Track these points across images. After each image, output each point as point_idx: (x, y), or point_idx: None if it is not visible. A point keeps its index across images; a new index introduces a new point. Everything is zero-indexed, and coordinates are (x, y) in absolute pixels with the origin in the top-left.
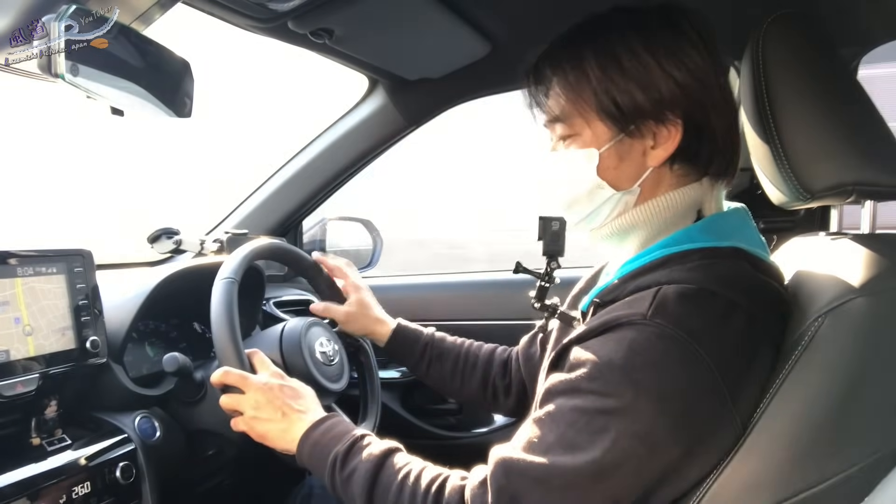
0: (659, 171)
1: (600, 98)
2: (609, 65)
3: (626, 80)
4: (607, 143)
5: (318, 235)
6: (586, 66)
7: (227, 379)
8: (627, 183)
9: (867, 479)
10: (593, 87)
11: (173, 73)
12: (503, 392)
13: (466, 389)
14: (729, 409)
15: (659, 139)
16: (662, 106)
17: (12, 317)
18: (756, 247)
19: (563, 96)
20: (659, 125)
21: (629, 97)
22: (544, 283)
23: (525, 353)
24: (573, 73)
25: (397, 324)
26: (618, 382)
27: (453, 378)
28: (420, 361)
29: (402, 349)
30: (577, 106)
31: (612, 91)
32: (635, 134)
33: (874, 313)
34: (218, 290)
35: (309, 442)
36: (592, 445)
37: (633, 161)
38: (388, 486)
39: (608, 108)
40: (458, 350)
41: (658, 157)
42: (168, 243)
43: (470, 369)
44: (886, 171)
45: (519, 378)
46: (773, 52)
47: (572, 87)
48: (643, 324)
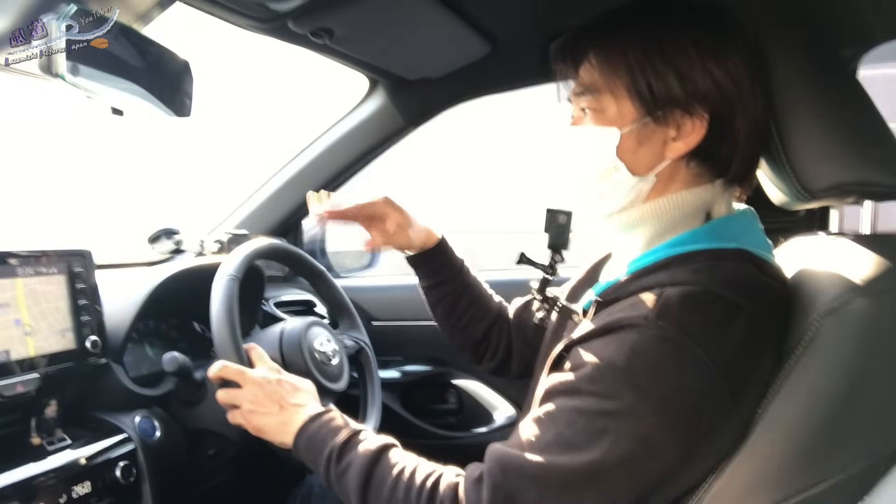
0: (675, 164)
1: (635, 77)
2: (651, 46)
3: (664, 65)
4: (631, 124)
5: (318, 235)
6: (627, 43)
7: (225, 373)
8: (643, 169)
9: (867, 478)
10: (630, 65)
11: (173, 73)
12: (493, 349)
13: (465, 333)
14: (730, 413)
15: (682, 131)
16: (694, 98)
17: (12, 317)
18: (761, 248)
19: (596, 69)
20: (685, 117)
21: (664, 83)
22: (547, 274)
23: (517, 319)
24: (613, 48)
25: (442, 237)
26: (619, 385)
27: (461, 317)
28: (441, 286)
29: (432, 264)
30: (609, 81)
31: (649, 72)
32: (661, 121)
33: (874, 314)
34: (219, 286)
35: (305, 435)
36: (591, 446)
37: (653, 149)
38: (383, 481)
39: (641, 88)
40: (477, 292)
41: (677, 150)
42: (168, 243)
43: (480, 316)
44: (886, 171)
45: (507, 342)
46: (773, 52)
47: (609, 60)
48: (646, 326)
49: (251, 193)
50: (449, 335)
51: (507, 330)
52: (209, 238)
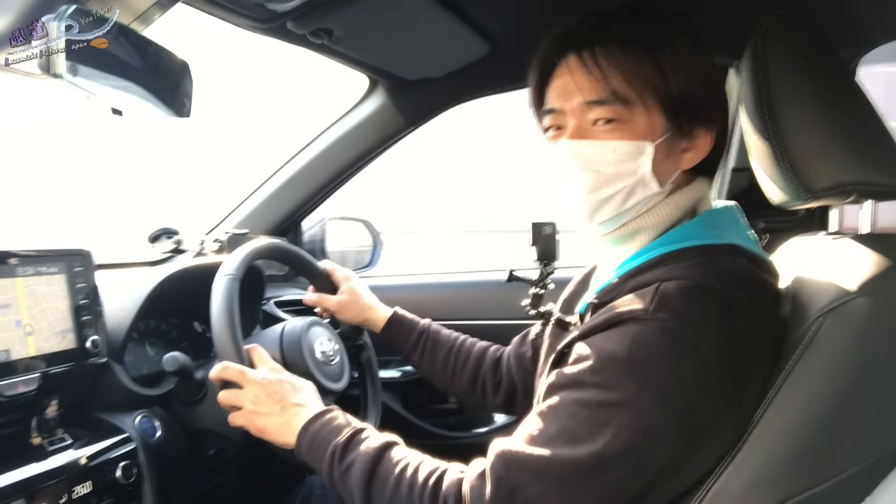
0: (683, 173)
1: (670, 87)
2: (681, 55)
3: (692, 75)
4: (661, 136)
5: (318, 235)
6: (659, 49)
7: (226, 374)
8: (663, 182)
9: (868, 478)
10: (665, 73)
11: (172, 73)
12: (492, 389)
13: (457, 382)
14: (731, 403)
15: (695, 142)
16: (712, 110)
17: (13, 317)
18: (750, 243)
19: (621, 75)
20: (700, 129)
21: (692, 93)
22: (538, 289)
23: (516, 353)
24: (644, 53)
25: (394, 311)
26: (620, 376)
27: (444, 370)
28: (413, 350)
29: (398, 336)
30: (639, 89)
31: (682, 82)
32: (685, 132)
33: (874, 313)
34: (219, 286)
35: (308, 435)
36: (594, 438)
37: (672, 160)
38: (386, 479)
39: (675, 99)
40: (451, 343)
41: (690, 161)
42: (168, 243)
43: (462, 363)
44: (886, 171)
45: (510, 377)
46: (773, 52)
47: (641, 67)
48: (646, 318)
49: (251, 193)
50: (446, 388)
51: (503, 367)
52: (209, 238)
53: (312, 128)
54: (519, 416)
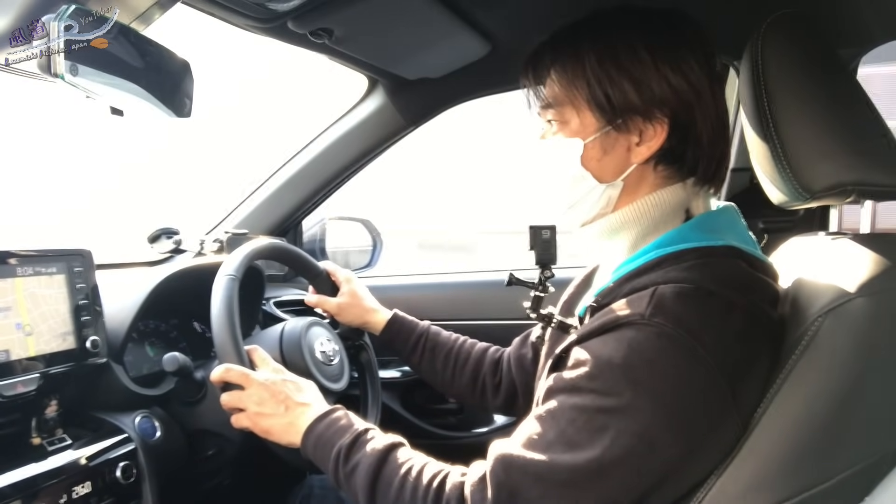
0: (642, 169)
1: (593, 89)
2: (606, 58)
3: (620, 75)
4: (593, 133)
5: (317, 235)
6: (584, 56)
7: (228, 376)
8: (610, 176)
9: (867, 478)
10: (587, 78)
11: (173, 73)
12: (492, 390)
13: (457, 384)
14: (730, 407)
15: (644, 136)
16: (652, 104)
17: (12, 317)
18: (749, 245)
19: (557, 83)
20: (646, 122)
21: (621, 91)
22: (538, 292)
23: (516, 355)
24: (570, 62)
25: (394, 314)
26: (617, 382)
27: (444, 372)
28: (413, 352)
29: (398, 339)
30: (570, 94)
31: (605, 83)
32: (622, 128)
33: (874, 313)
34: (218, 286)
35: (313, 435)
36: (592, 444)
37: (617, 155)
38: (391, 481)
39: (599, 99)
40: (451, 345)
41: (641, 155)
42: (168, 243)
43: (461, 365)
44: (886, 171)
45: (510, 378)
46: (772, 52)
47: (567, 75)
48: (643, 323)
49: (251, 193)
50: (445, 390)
51: (503, 369)
52: (209, 238)
53: (312, 128)
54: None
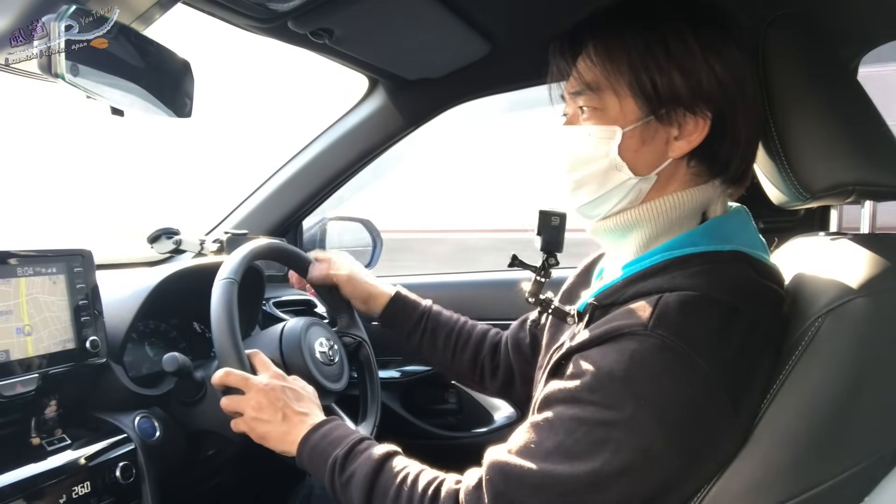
0: (676, 164)
1: (639, 74)
2: (654, 43)
3: (668, 62)
4: (634, 122)
5: (317, 235)
6: (629, 39)
7: (228, 380)
8: (645, 169)
9: (867, 479)
10: (632, 62)
11: (173, 73)
12: (490, 373)
13: (455, 364)
14: (730, 419)
15: (685, 130)
16: (698, 96)
17: (12, 317)
18: (757, 249)
19: (597, 66)
20: (688, 115)
21: (668, 80)
22: (540, 277)
23: (514, 339)
24: (614, 44)
25: (397, 291)
26: (618, 394)
27: (445, 352)
28: (414, 331)
29: (400, 316)
30: (611, 78)
31: (653, 69)
32: (664, 119)
33: (874, 313)
34: (218, 290)
35: (308, 445)
36: (591, 456)
37: (655, 148)
38: (387, 490)
39: (644, 86)
40: (452, 325)
41: (680, 149)
42: (168, 243)
43: (462, 346)
44: (886, 171)
45: (507, 362)
46: (773, 52)
47: (610, 57)
48: (645, 335)
49: (251, 193)
50: (444, 369)
51: (503, 352)
52: (209, 238)
53: (313, 128)
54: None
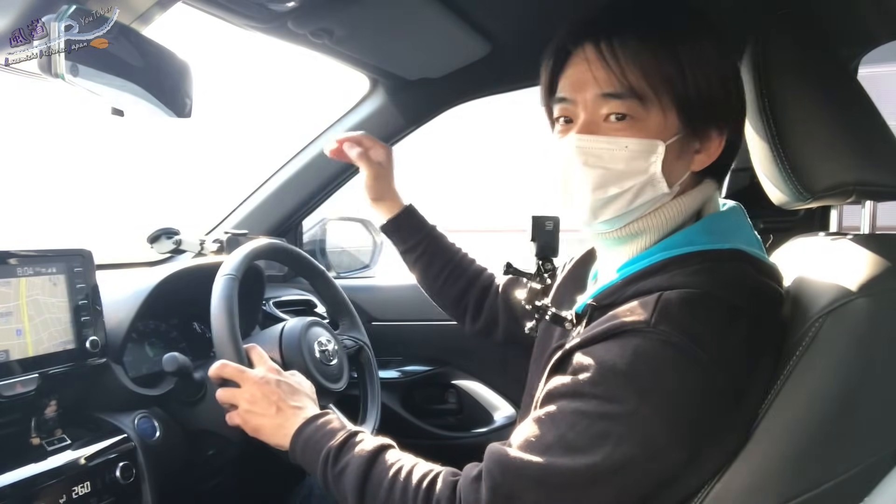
0: (692, 175)
1: (687, 85)
2: (699, 53)
3: (711, 74)
4: (674, 136)
5: (317, 235)
6: (679, 47)
7: (224, 372)
8: (672, 182)
9: (868, 479)
10: (683, 71)
11: (173, 73)
12: (473, 312)
13: (443, 294)
14: (732, 415)
15: (707, 144)
16: (728, 111)
17: (12, 318)
18: (754, 247)
19: (640, 70)
20: (713, 129)
21: (710, 93)
22: (535, 283)
23: (505, 293)
24: (664, 48)
25: (410, 204)
26: (621, 388)
27: (436, 279)
28: (413, 249)
29: (404, 230)
30: (656, 86)
31: (701, 81)
32: (698, 132)
33: (874, 314)
34: (218, 286)
35: (301, 438)
36: (593, 449)
37: (684, 161)
38: (380, 482)
39: (692, 98)
40: (450, 256)
41: (701, 163)
42: (168, 243)
43: (453, 279)
44: (886, 171)
45: (493, 309)
46: (772, 52)
47: (661, 63)
48: (648, 331)
49: (251, 193)
50: (430, 295)
51: (491, 297)
52: (209, 238)
53: (312, 128)
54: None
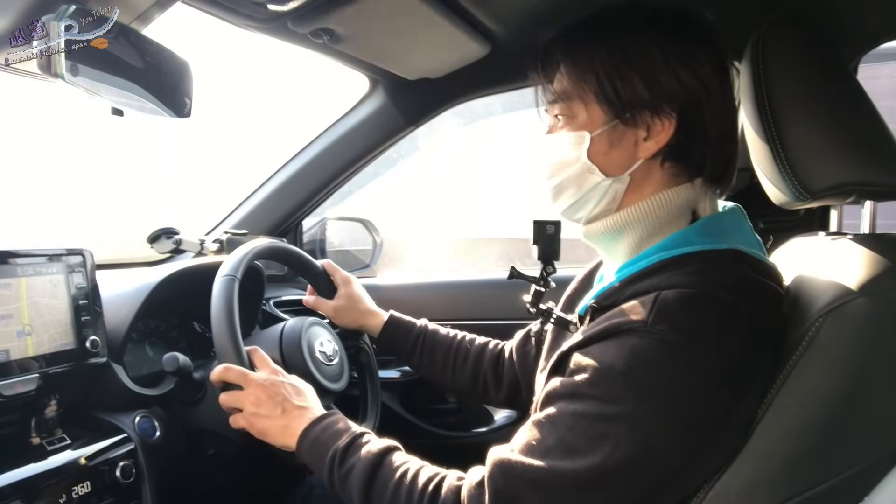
0: (649, 164)
1: (602, 82)
2: (616, 52)
3: (629, 69)
4: (601, 127)
5: (317, 235)
6: (594, 50)
7: (227, 375)
8: (617, 170)
9: (867, 478)
10: (597, 71)
11: (173, 73)
12: (494, 385)
13: (458, 381)
14: (731, 415)
15: (652, 131)
16: (661, 98)
17: (12, 320)
18: (753, 247)
19: (566, 78)
20: (654, 117)
21: (630, 86)
22: (539, 287)
23: (520, 351)
24: (580, 57)
25: (390, 315)
26: (619, 389)
27: (444, 370)
28: (412, 352)
29: (395, 340)
30: (578, 87)
31: (615, 76)
32: (629, 122)
33: (874, 314)
34: (218, 287)
35: (308, 438)
36: (592, 451)
37: (625, 150)
38: (386, 484)
39: (608, 93)
40: (450, 342)
41: (649, 150)
42: (168, 243)
43: (461, 362)
44: (886, 171)
45: (512, 373)
46: (773, 52)
47: (577, 68)
48: (645, 331)
49: (251, 193)
50: (447, 387)
51: (506, 364)
52: (209, 238)
53: (313, 128)
54: (523, 412)
